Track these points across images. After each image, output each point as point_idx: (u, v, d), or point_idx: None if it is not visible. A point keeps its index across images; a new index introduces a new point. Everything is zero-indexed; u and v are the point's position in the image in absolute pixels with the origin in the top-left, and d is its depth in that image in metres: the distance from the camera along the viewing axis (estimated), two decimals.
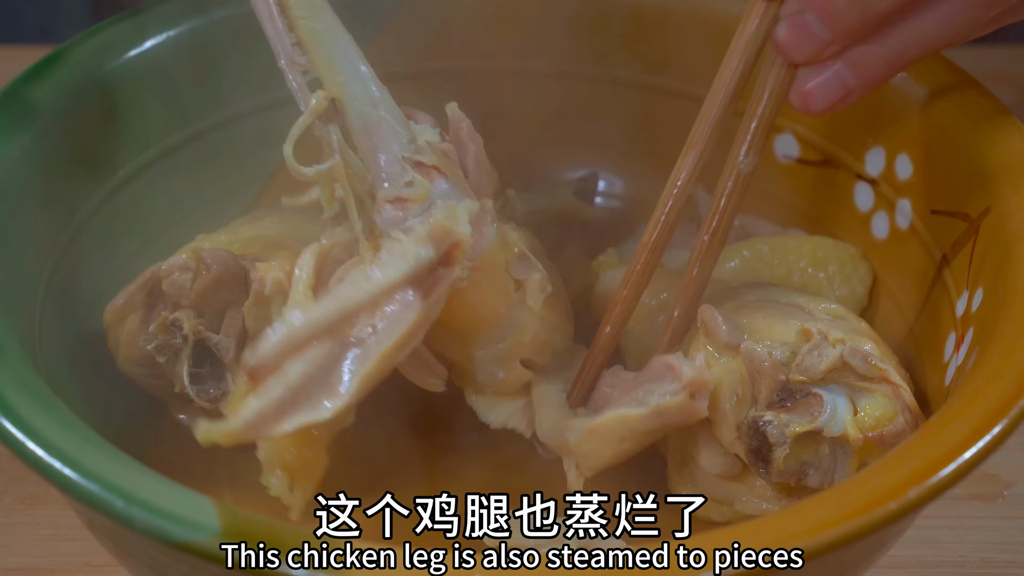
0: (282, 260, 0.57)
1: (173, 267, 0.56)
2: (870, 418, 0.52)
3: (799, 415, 0.52)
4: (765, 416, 0.52)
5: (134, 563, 0.47)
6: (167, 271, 0.56)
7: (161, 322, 0.57)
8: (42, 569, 0.59)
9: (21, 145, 0.56)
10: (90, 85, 0.60)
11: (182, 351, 0.57)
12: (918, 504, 0.41)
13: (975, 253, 0.54)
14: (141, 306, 0.57)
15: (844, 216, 0.64)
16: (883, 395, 0.52)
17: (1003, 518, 0.62)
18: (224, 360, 0.57)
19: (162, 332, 0.57)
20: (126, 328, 0.57)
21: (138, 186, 0.63)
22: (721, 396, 0.53)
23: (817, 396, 0.52)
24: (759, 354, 0.52)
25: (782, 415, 0.52)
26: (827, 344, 0.52)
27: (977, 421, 0.44)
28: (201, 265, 0.56)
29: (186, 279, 0.56)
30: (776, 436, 0.52)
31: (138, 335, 0.57)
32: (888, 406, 0.52)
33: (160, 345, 0.57)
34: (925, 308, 0.58)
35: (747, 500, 0.55)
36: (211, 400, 0.57)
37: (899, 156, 0.60)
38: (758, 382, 0.52)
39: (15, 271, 0.53)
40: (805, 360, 0.52)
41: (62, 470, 0.42)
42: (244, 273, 0.57)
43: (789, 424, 0.51)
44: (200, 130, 0.65)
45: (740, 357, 0.53)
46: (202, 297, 0.56)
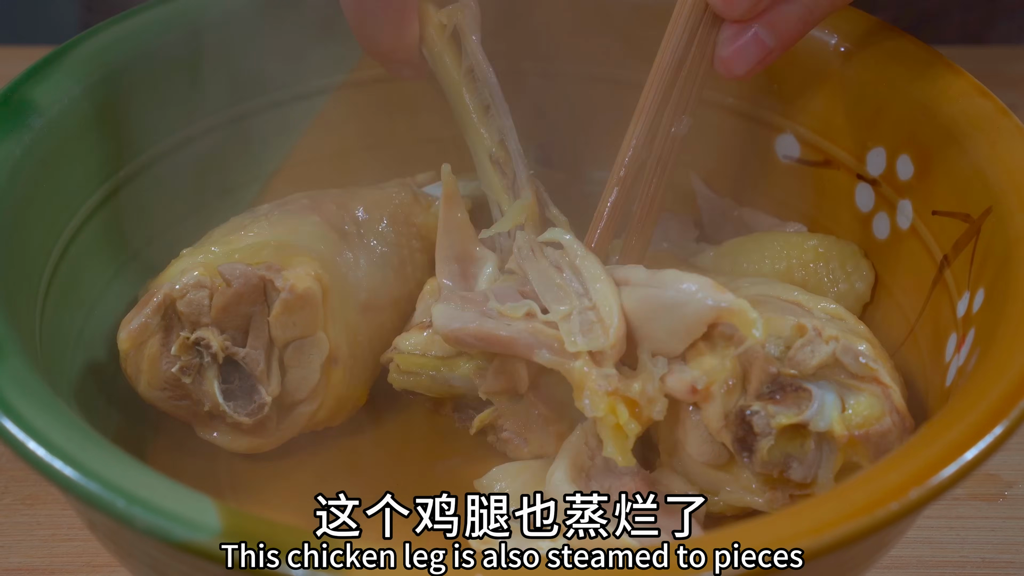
0: (306, 266, 0.56)
1: (187, 287, 0.55)
2: (857, 416, 0.52)
3: (787, 407, 0.52)
4: (753, 406, 0.52)
5: (135, 563, 0.47)
6: (181, 291, 0.55)
7: (182, 343, 0.55)
8: (42, 569, 0.59)
9: (21, 145, 0.56)
10: (90, 85, 0.60)
11: (207, 370, 0.56)
12: (919, 505, 0.41)
13: (976, 254, 0.54)
14: (158, 329, 0.56)
15: (845, 216, 0.64)
16: (872, 395, 0.52)
17: (1004, 518, 0.62)
18: (255, 373, 0.56)
19: (184, 353, 0.56)
20: (146, 354, 0.56)
21: (138, 186, 0.62)
22: (713, 384, 0.53)
23: (806, 391, 0.52)
24: (753, 347, 0.52)
25: (770, 406, 0.52)
26: (820, 340, 0.52)
27: (978, 422, 0.44)
28: (218, 281, 0.55)
29: (202, 297, 0.55)
30: (762, 426, 0.52)
31: (160, 359, 0.56)
32: (876, 406, 0.52)
33: (184, 366, 0.56)
34: (926, 309, 0.58)
35: (732, 491, 0.55)
36: (250, 414, 0.56)
37: (900, 156, 0.60)
38: (749, 373, 0.53)
39: (15, 271, 0.53)
40: (798, 355, 0.52)
41: (63, 470, 0.42)
42: (264, 284, 0.56)
43: (776, 415, 0.52)
44: (200, 130, 0.65)
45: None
46: (224, 313, 0.56)
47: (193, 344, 0.56)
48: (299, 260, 0.57)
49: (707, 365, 0.53)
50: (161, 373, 0.56)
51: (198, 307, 0.55)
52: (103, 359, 0.58)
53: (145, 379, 0.56)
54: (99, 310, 0.59)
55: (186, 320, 0.56)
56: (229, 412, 0.56)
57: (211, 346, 0.56)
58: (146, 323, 0.55)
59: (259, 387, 0.56)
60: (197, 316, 0.56)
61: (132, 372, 0.57)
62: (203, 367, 0.56)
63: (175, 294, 0.55)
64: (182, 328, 0.56)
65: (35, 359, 0.50)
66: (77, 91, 0.59)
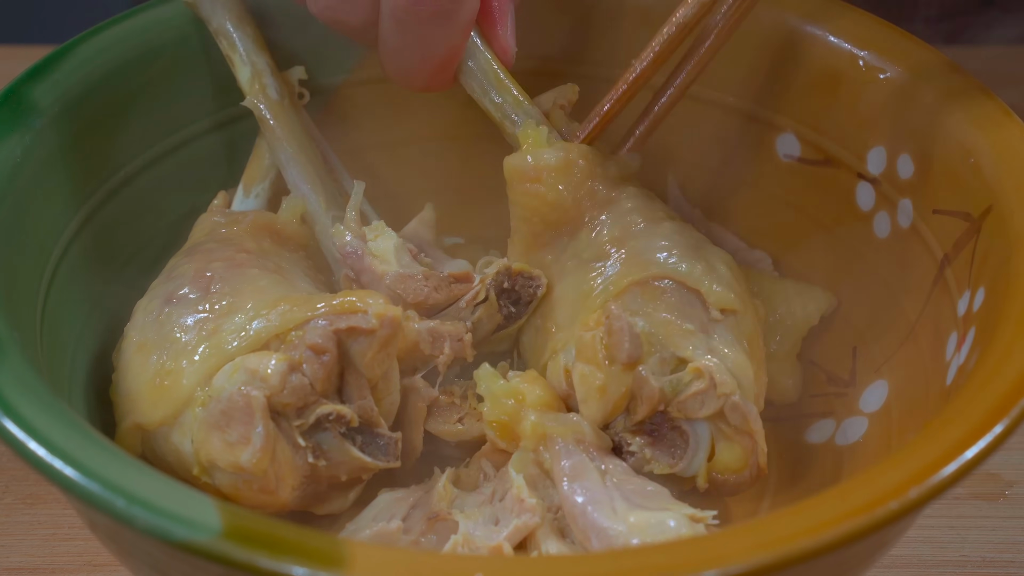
0: (371, 296, 0.53)
1: (282, 377, 0.51)
2: (721, 464, 0.54)
3: (661, 453, 0.54)
4: (631, 444, 0.54)
5: (135, 563, 0.47)
6: (278, 387, 0.51)
7: (302, 430, 0.52)
8: (42, 569, 0.59)
9: (21, 145, 0.56)
10: (90, 85, 0.60)
11: (334, 442, 0.53)
12: (919, 504, 0.41)
13: (976, 253, 0.54)
14: (275, 433, 0.51)
15: (845, 215, 0.64)
16: (742, 447, 0.54)
17: (1004, 518, 0.62)
18: (373, 419, 0.54)
19: (307, 439, 0.52)
20: (282, 460, 0.51)
21: (139, 186, 0.62)
22: (597, 395, 0.54)
23: (685, 434, 0.54)
24: (650, 385, 0.53)
25: (646, 450, 0.54)
26: (713, 395, 0.53)
27: (978, 421, 0.44)
28: (297, 355, 0.52)
29: (299, 379, 0.51)
30: (633, 461, 0.54)
31: (295, 458, 0.52)
32: (742, 459, 0.53)
33: (314, 450, 0.52)
34: (927, 308, 0.58)
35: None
36: (394, 456, 0.54)
37: (900, 156, 0.60)
38: (637, 402, 0.54)
39: (16, 271, 0.53)
40: (688, 402, 0.53)
41: (63, 470, 0.42)
42: (338, 336, 0.53)
43: (650, 461, 0.54)
44: (201, 130, 0.65)
45: (631, 374, 0.54)
46: (328, 382, 0.52)
47: (314, 425, 0.52)
48: (359, 296, 0.54)
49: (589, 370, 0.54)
50: (300, 471, 0.52)
51: (302, 390, 0.51)
52: (103, 359, 0.58)
53: (288, 485, 0.52)
54: (100, 310, 0.59)
55: (291, 409, 0.52)
56: (382, 465, 0.53)
57: (344, 416, 0.52)
58: (267, 435, 0.50)
59: (378, 430, 0.54)
60: (304, 398, 0.52)
61: (273, 486, 0.51)
62: (321, 444, 0.53)
63: (273, 390, 0.51)
64: (293, 417, 0.52)
65: (35, 359, 0.50)
66: (77, 91, 0.59)
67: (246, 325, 0.53)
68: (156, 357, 0.54)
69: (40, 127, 0.57)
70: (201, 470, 0.52)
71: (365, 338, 0.52)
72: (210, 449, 0.51)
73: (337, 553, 0.40)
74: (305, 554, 0.39)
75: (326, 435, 0.53)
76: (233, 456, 0.50)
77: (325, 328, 0.52)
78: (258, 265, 0.57)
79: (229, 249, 0.58)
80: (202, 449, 0.51)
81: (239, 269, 0.57)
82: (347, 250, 0.59)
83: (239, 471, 0.51)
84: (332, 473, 0.53)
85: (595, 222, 0.58)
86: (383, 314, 0.52)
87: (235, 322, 0.53)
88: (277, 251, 0.60)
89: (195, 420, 0.52)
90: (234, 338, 0.53)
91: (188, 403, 0.52)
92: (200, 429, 0.51)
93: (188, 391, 0.52)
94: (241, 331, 0.53)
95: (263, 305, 0.54)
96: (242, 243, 0.59)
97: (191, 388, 0.52)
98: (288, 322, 0.53)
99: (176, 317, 0.54)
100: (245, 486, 0.51)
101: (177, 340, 0.54)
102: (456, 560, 0.41)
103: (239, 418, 0.50)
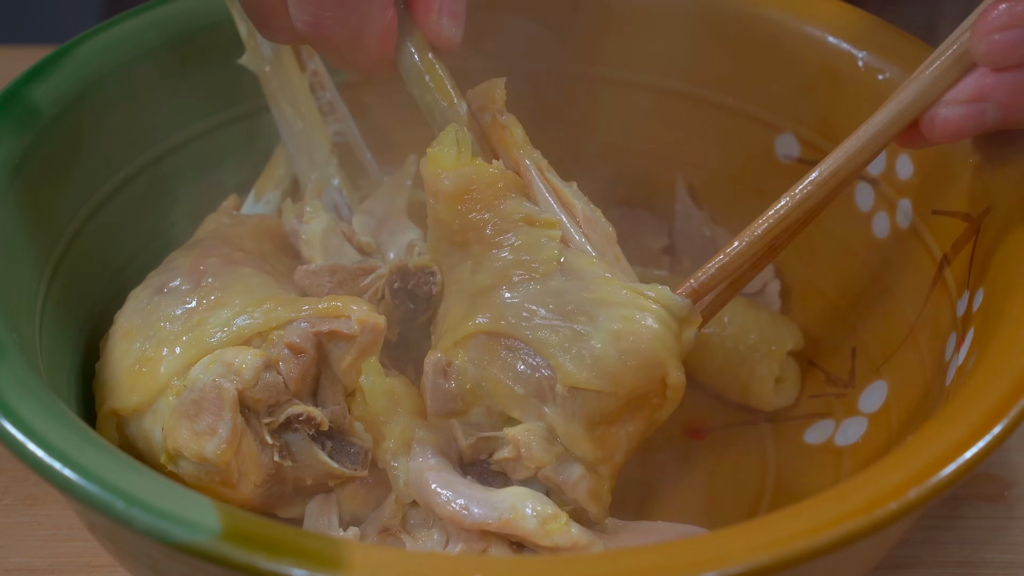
0: (355, 303, 0.54)
1: (255, 372, 0.51)
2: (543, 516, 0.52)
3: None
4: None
5: (134, 564, 0.47)
6: (251, 381, 0.51)
7: (271, 427, 0.52)
8: (42, 569, 0.59)
9: (21, 145, 0.56)
10: (90, 85, 0.60)
11: (302, 444, 0.53)
12: (918, 504, 0.41)
13: (976, 253, 0.54)
14: (243, 427, 0.51)
15: (844, 216, 0.64)
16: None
17: (1004, 518, 0.62)
18: (345, 427, 0.54)
19: (277, 438, 0.52)
20: (246, 454, 0.52)
21: (139, 186, 0.62)
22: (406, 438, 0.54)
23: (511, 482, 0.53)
24: (458, 440, 0.53)
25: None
26: (522, 465, 0.52)
27: (977, 421, 0.44)
28: (275, 353, 0.52)
29: (273, 377, 0.52)
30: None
31: (260, 455, 0.52)
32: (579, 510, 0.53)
33: (281, 450, 0.53)
34: (926, 308, 0.58)
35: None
36: (362, 465, 0.54)
37: (900, 156, 0.60)
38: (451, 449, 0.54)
39: (16, 271, 0.53)
40: (502, 463, 0.53)
41: (62, 471, 0.42)
42: (319, 339, 0.53)
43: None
44: (202, 130, 0.65)
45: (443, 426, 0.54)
46: (302, 383, 0.53)
47: (284, 425, 0.52)
48: (343, 302, 0.54)
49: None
50: (265, 467, 0.52)
51: (274, 388, 0.52)
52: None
53: (251, 481, 0.52)
54: (100, 310, 0.59)
55: (263, 405, 0.52)
56: (348, 472, 0.53)
57: (315, 418, 0.52)
58: (234, 429, 0.51)
59: (350, 438, 0.54)
60: (277, 396, 0.52)
61: (235, 480, 0.52)
62: (289, 445, 0.53)
63: (246, 385, 0.51)
64: (263, 415, 0.52)
65: (35, 359, 0.50)
66: (77, 91, 0.59)
67: (231, 320, 0.53)
68: (139, 344, 0.54)
69: (40, 127, 0.57)
70: (167, 458, 0.52)
71: (345, 343, 0.53)
72: (177, 437, 0.51)
73: (336, 554, 0.40)
74: (304, 555, 0.39)
75: (295, 436, 0.53)
76: (198, 446, 0.51)
77: (306, 329, 0.53)
78: (253, 264, 0.58)
79: (227, 247, 0.59)
80: (170, 437, 0.51)
81: (233, 266, 0.57)
82: (288, 231, 0.61)
83: (203, 461, 0.51)
84: (298, 475, 0.53)
85: (480, 257, 0.54)
86: (365, 321, 0.53)
87: (221, 316, 0.54)
88: (276, 254, 0.60)
89: (168, 408, 0.52)
90: (217, 331, 0.53)
91: (163, 391, 0.52)
92: (171, 417, 0.52)
93: (165, 379, 0.52)
94: (225, 325, 0.53)
95: (250, 302, 0.54)
96: (241, 243, 0.60)
97: (168, 376, 0.52)
98: (272, 321, 0.53)
99: (164, 307, 0.55)
100: (207, 477, 0.51)
101: (162, 329, 0.54)
102: (455, 561, 0.41)
103: (209, 408, 0.51)
